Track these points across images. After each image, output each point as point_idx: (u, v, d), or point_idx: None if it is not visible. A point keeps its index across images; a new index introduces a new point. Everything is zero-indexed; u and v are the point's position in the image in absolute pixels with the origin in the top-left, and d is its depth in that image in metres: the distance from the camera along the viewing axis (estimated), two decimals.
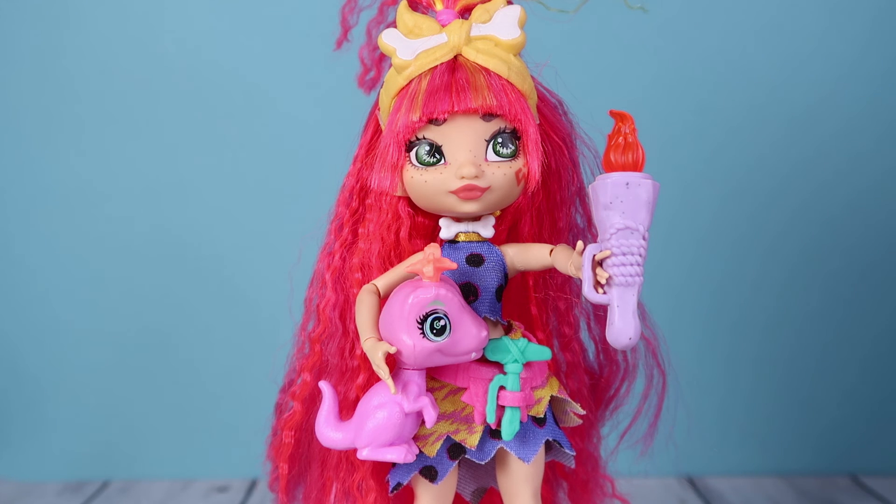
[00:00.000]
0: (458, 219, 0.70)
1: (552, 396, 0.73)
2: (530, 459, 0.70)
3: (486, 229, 0.71)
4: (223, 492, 1.27)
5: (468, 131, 0.66)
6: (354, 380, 0.72)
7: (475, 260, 0.70)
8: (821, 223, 1.30)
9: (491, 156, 0.67)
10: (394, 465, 0.72)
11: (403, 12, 0.68)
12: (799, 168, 1.29)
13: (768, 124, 1.28)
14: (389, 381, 0.64)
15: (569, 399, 0.73)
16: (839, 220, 1.30)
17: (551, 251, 0.70)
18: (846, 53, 1.28)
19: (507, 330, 0.72)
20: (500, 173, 0.67)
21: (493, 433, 0.70)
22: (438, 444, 0.69)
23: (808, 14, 1.27)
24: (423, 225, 0.73)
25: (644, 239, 0.62)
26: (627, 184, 0.62)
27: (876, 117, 1.29)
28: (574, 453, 0.73)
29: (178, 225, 1.31)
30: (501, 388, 0.68)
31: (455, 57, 0.66)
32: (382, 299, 0.69)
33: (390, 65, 0.68)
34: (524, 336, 0.71)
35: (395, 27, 0.68)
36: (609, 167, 0.64)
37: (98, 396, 1.32)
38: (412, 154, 0.67)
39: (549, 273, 0.76)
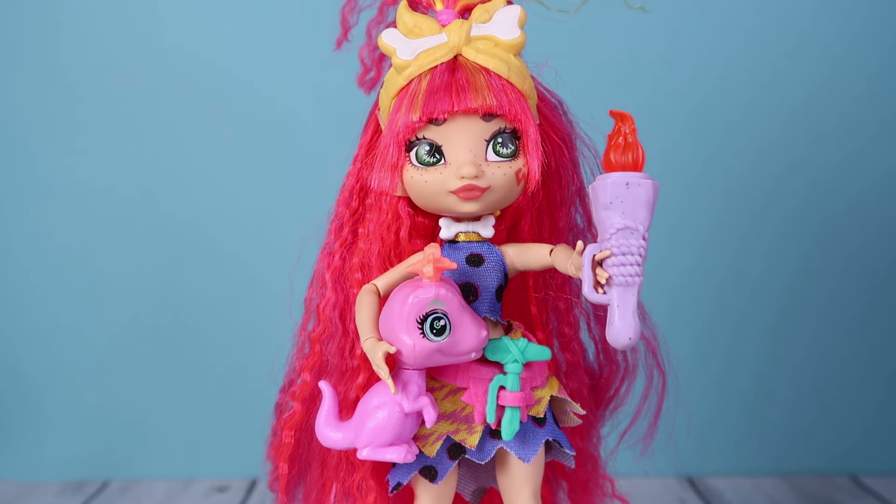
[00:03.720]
0: (458, 219, 0.70)
1: (552, 396, 0.73)
2: (530, 459, 0.70)
3: (486, 229, 0.71)
4: (223, 492, 1.27)
5: (468, 131, 0.66)
6: (354, 380, 0.72)
7: (475, 260, 0.70)
8: (822, 222, 1.30)
9: (491, 156, 0.67)
10: (394, 465, 0.72)
11: (403, 12, 0.68)
12: (799, 166, 1.29)
13: (769, 122, 1.28)
14: (389, 381, 0.64)
15: (569, 399, 0.73)
16: (841, 219, 1.30)
17: (551, 251, 0.70)
18: (844, 48, 1.27)
19: (507, 330, 0.72)
20: (500, 173, 0.67)
21: (493, 433, 0.70)
22: (438, 444, 0.69)
23: (808, 10, 1.27)
24: (423, 225, 0.73)
25: (644, 239, 0.62)
26: (627, 184, 0.62)
27: (875, 112, 1.28)
28: (574, 453, 0.73)
29: (177, 225, 1.30)
30: (501, 388, 0.68)
31: (455, 57, 0.66)
32: (382, 299, 0.69)
33: (390, 65, 0.68)
34: (524, 336, 0.71)
35: (395, 27, 0.68)
36: (609, 167, 0.64)
37: (97, 396, 1.32)
38: (412, 154, 0.67)
39: (549, 273, 0.76)
